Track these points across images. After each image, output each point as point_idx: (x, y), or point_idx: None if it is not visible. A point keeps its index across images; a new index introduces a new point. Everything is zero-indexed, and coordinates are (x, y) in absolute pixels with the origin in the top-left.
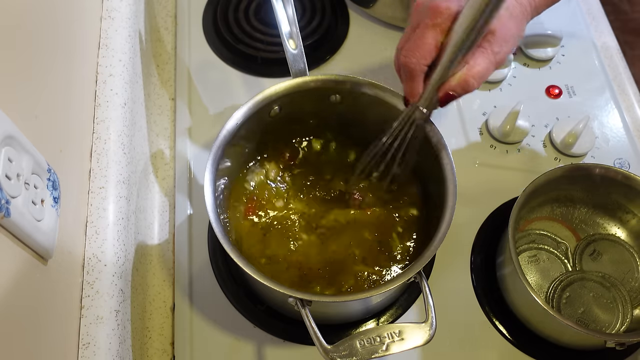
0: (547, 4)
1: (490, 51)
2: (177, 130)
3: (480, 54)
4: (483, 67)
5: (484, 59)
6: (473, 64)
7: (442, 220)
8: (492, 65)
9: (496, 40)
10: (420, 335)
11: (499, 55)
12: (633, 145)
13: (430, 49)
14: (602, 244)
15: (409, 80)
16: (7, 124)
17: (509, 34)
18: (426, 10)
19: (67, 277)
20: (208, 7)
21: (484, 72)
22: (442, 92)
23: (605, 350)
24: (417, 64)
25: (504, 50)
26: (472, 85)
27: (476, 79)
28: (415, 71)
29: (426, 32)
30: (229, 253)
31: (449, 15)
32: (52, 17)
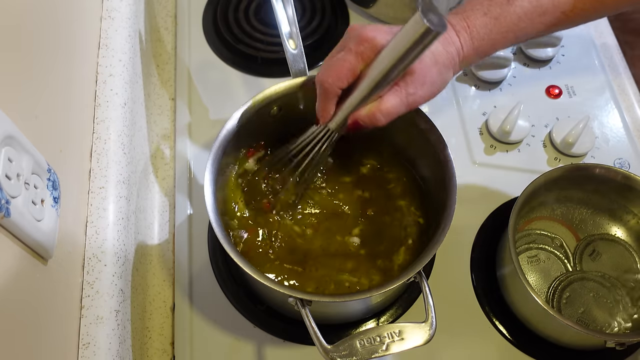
0: (480, 55)
1: (405, 91)
2: (177, 130)
3: (394, 92)
4: (393, 105)
5: (396, 97)
6: (385, 100)
7: (442, 220)
8: (403, 105)
9: (413, 82)
10: (420, 335)
11: (412, 97)
12: (633, 145)
13: (347, 73)
14: (602, 244)
15: (322, 99)
16: (7, 124)
17: (428, 78)
18: (354, 36)
19: (67, 277)
20: (208, 7)
21: (393, 111)
22: (351, 120)
23: (605, 350)
24: (331, 85)
25: (419, 93)
26: (380, 121)
27: (384, 115)
28: (328, 92)
29: (347, 56)
30: (229, 253)
31: (373, 46)
32: (53, 17)
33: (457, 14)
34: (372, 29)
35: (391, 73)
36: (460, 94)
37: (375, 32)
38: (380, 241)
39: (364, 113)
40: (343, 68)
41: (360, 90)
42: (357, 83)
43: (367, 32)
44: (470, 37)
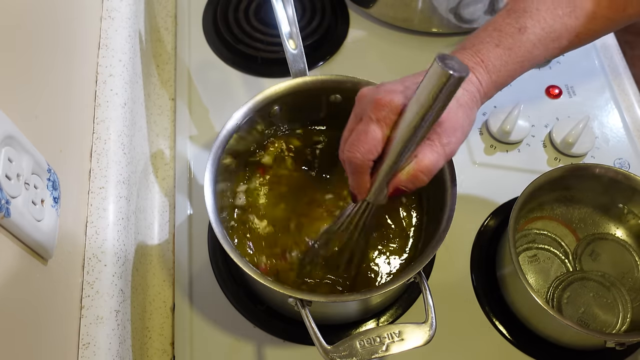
0: (498, 87)
1: (439, 143)
2: (177, 130)
3: (429, 147)
4: (432, 161)
5: (433, 152)
6: (422, 157)
7: (442, 220)
8: (441, 158)
9: (444, 132)
10: (420, 336)
11: (449, 146)
12: (633, 145)
13: (375, 143)
14: (601, 244)
15: (355, 175)
16: (7, 124)
17: (458, 124)
18: (369, 103)
19: (67, 277)
20: (208, 7)
21: (434, 166)
22: (392, 188)
23: (605, 350)
24: (362, 160)
25: (453, 141)
26: (423, 181)
27: (426, 174)
28: (361, 167)
29: (370, 126)
30: (229, 253)
31: (393, 109)
32: (52, 18)
33: (466, 50)
34: (385, 91)
35: (420, 130)
36: None
37: (391, 94)
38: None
39: (404, 177)
40: (369, 139)
41: (391, 156)
42: (386, 149)
43: (382, 95)
44: (486, 71)
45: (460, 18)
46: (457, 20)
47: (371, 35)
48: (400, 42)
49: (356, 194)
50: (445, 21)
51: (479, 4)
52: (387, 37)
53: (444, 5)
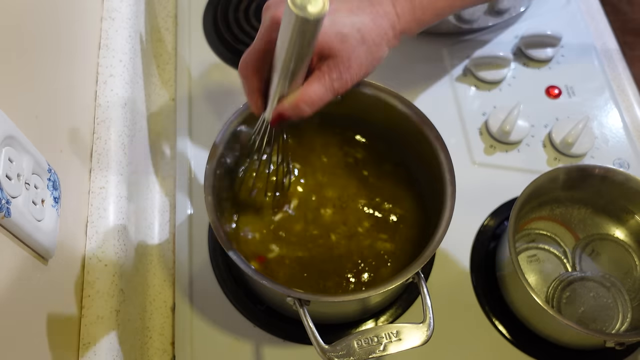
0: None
1: (328, 77)
2: (177, 130)
3: (317, 78)
4: (317, 94)
5: (319, 84)
6: (307, 88)
7: (441, 220)
8: (328, 92)
9: (336, 66)
10: (418, 336)
11: (338, 82)
12: (632, 146)
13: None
14: (601, 244)
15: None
16: (7, 124)
17: (354, 60)
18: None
19: (68, 277)
20: (208, 7)
21: (317, 99)
22: (275, 113)
23: (605, 350)
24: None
25: (345, 77)
26: (304, 111)
27: (308, 105)
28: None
29: (256, 42)
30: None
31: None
32: (53, 18)
33: None
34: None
35: (290, 64)
36: (459, 94)
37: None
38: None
39: (286, 104)
40: (249, 54)
41: (274, 78)
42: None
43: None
44: (411, 5)
45: (460, 18)
46: (457, 20)
47: None
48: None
49: (253, 110)
50: (445, 21)
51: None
52: None
53: None
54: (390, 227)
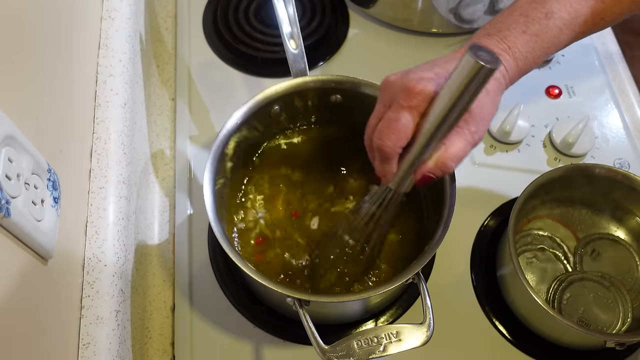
0: (523, 73)
1: (467, 131)
2: (177, 130)
3: (457, 134)
4: (460, 148)
5: (461, 139)
6: (450, 145)
7: (441, 220)
8: (469, 145)
9: (473, 120)
10: (418, 337)
11: (476, 134)
12: (633, 145)
13: (406, 131)
14: (601, 244)
15: (382, 162)
16: (7, 124)
17: (485, 112)
18: (400, 90)
19: (67, 277)
20: (208, 7)
21: (462, 153)
22: (420, 175)
23: (605, 350)
24: (392, 148)
25: (481, 129)
26: (450, 167)
27: (454, 161)
28: (390, 154)
29: (401, 113)
30: (228, 253)
31: (424, 96)
32: (53, 18)
33: (492, 36)
34: (416, 79)
35: (450, 119)
36: None
37: (423, 82)
38: None
39: (432, 165)
40: (400, 128)
41: (420, 143)
42: (414, 137)
43: (414, 83)
44: (513, 58)
45: (460, 18)
46: (457, 20)
47: (371, 35)
48: (400, 42)
49: (382, 179)
50: (445, 21)
51: (479, 4)
52: (387, 37)
53: (444, 6)
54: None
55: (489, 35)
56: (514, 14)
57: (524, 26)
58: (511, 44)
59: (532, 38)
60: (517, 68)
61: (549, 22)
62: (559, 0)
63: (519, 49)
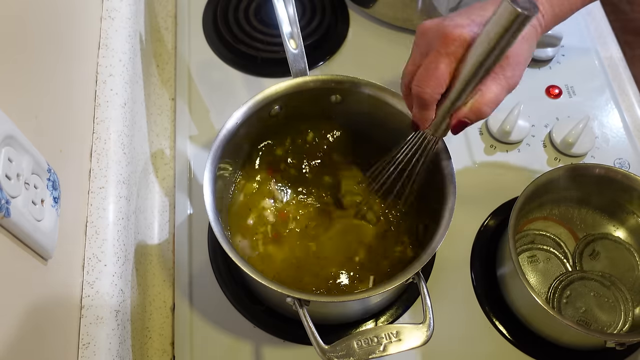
0: (558, 20)
1: (503, 76)
2: (177, 130)
3: (493, 80)
4: (496, 94)
5: (497, 85)
6: (486, 90)
7: (442, 220)
8: (504, 90)
9: (509, 65)
10: (418, 337)
11: (512, 79)
12: (633, 145)
13: (445, 78)
14: (601, 244)
15: (421, 109)
16: (7, 124)
17: (521, 57)
18: (437, 37)
19: (67, 277)
20: (208, 7)
21: (497, 99)
22: (455, 120)
23: (605, 350)
24: (431, 94)
25: (517, 74)
26: (486, 113)
27: (489, 106)
28: (429, 101)
29: (439, 60)
30: (228, 253)
31: (462, 43)
32: (52, 18)
33: None
34: (453, 25)
35: (486, 65)
36: None
37: (459, 28)
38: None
39: (467, 110)
40: (439, 74)
41: (457, 89)
42: (452, 83)
43: (451, 29)
44: (550, 4)
45: None
46: None
47: (371, 35)
48: (400, 42)
49: (420, 125)
50: None
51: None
52: (387, 37)
53: (444, 5)
54: None
55: None
56: None
57: None
58: None
59: None
60: (553, 14)
61: None
62: None
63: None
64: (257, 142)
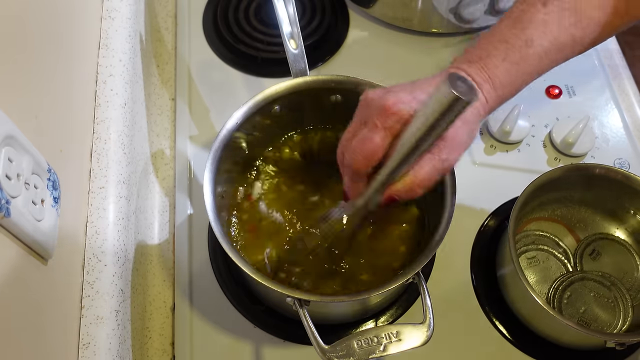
0: (503, 101)
1: (438, 158)
2: (177, 130)
3: (428, 160)
4: (428, 174)
5: (431, 166)
6: (419, 170)
7: (442, 220)
8: (437, 172)
9: (446, 147)
10: (418, 336)
11: (447, 162)
12: (633, 145)
13: (379, 152)
14: (602, 244)
15: (352, 180)
16: (7, 124)
17: (460, 140)
18: (376, 109)
19: (67, 277)
20: (208, 7)
21: (430, 180)
22: (387, 196)
23: (606, 350)
24: (363, 166)
25: (453, 157)
26: (417, 193)
27: (421, 186)
28: (359, 172)
29: (375, 134)
30: (228, 253)
31: (400, 118)
32: (52, 18)
33: (472, 63)
34: (394, 100)
35: (422, 145)
36: None
37: (399, 104)
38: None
39: (400, 187)
40: (373, 147)
41: (390, 165)
42: (386, 157)
43: (391, 104)
44: (493, 87)
45: (460, 18)
46: (457, 20)
47: (371, 35)
48: (400, 42)
49: (348, 194)
50: (445, 21)
51: (479, 4)
52: (387, 37)
53: (444, 5)
54: None
55: (470, 62)
56: (493, 40)
57: (504, 54)
58: (491, 74)
59: (513, 66)
60: (497, 97)
61: (529, 50)
62: (539, 28)
63: (500, 78)
64: (257, 142)
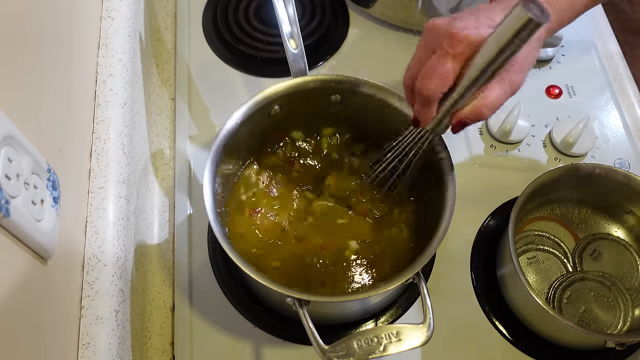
0: (562, 25)
1: (507, 80)
2: (177, 130)
3: (496, 83)
4: (498, 97)
5: (500, 88)
6: (488, 93)
7: (441, 220)
8: (507, 94)
9: (513, 69)
10: (418, 337)
11: (515, 84)
12: (633, 145)
13: (450, 77)
14: (602, 244)
15: (423, 106)
16: (7, 124)
17: (526, 62)
18: (445, 36)
19: (67, 277)
20: (208, 7)
21: (498, 102)
22: (456, 120)
23: (606, 350)
24: (434, 92)
25: (520, 79)
26: (486, 115)
27: (490, 109)
28: (431, 98)
29: (446, 60)
30: (228, 253)
31: (469, 44)
32: (52, 18)
33: None
34: (462, 26)
35: (492, 68)
36: None
37: (467, 30)
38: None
39: (468, 111)
40: (444, 73)
41: (460, 90)
42: (456, 83)
43: (459, 30)
44: (555, 10)
45: None
46: None
47: (371, 35)
48: (400, 42)
49: (421, 122)
50: None
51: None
52: (387, 37)
53: (444, 5)
54: None
55: None
56: None
57: None
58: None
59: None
60: (557, 20)
61: None
62: None
63: (561, 3)
64: (257, 142)
